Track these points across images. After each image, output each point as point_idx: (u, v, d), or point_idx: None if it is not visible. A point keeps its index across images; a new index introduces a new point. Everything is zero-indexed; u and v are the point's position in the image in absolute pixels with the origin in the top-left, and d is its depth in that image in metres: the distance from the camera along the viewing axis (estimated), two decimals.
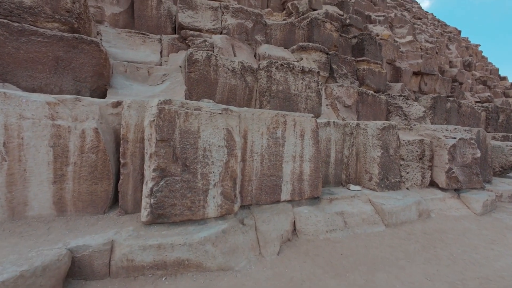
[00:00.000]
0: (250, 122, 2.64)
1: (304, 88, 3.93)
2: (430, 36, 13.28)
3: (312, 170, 3.06)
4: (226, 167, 2.34)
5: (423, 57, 9.98)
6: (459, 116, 6.21)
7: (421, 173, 4.00)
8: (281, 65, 3.74)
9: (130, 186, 2.20)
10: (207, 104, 2.30)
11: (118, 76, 3.90)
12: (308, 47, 5.23)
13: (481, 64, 16.79)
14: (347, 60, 5.86)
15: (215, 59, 3.53)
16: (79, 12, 3.20)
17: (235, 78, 3.71)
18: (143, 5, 5.04)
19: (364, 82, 5.94)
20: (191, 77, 3.40)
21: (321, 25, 5.77)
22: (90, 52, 3.07)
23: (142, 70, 4.15)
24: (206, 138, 2.23)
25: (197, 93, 3.46)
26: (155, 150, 2.03)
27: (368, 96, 5.43)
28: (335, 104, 5.10)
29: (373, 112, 5.55)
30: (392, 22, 10.55)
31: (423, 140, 4.02)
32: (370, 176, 3.70)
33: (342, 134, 3.90)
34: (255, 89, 3.92)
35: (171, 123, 2.08)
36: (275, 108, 3.74)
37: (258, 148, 2.68)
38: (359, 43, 6.40)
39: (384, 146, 3.67)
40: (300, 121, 2.96)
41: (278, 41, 5.70)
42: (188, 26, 4.90)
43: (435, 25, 16.80)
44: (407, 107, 5.69)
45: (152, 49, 4.80)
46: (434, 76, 10.04)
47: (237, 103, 3.79)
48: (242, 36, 5.34)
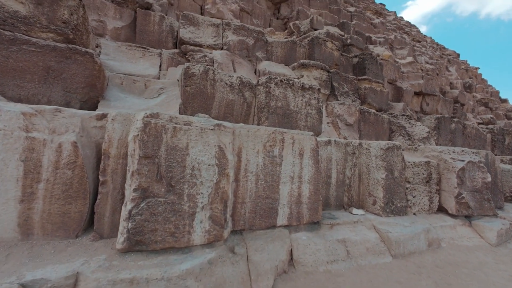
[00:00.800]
0: (245, 139, 2.47)
1: (304, 105, 3.80)
2: (430, 58, 13.47)
3: (311, 192, 2.83)
4: (216, 188, 2.13)
5: (424, 77, 10.01)
6: (464, 137, 6.03)
7: (429, 198, 3.74)
8: (281, 81, 3.63)
9: (108, 207, 1.97)
10: (198, 119, 2.14)
11: (114, 88, 3.80)
12: (309, 64, 5.19)
13: (481, 86, 16.91)
14: (348, 78, 5.81)
15: (212, 73, 3.44)
16: (76, 24, 3.16)
17: (233, 93, 3.60)
18: (146, 20, 5.09)
19: (366, 100, 5.84)
20: (186, 90, 3.29)
21: (322, 43, 5.79)
22: (83, 63, 2.98)
23: (139, 83, 4.06)
24: (195, 156, 2.04)
25: (192, 108, 3.33)
26: (137, 168, 1.84)
27: (370, 114, 5.30)
28: (336, 122, 4.95)
29: (376, 131, 5.39)
30: (392, 44, 10.73)
31: (429, 162, 3.81)
32: (374, 199, 3.45)
33: (343, 154, 3.70)
34: (254, 105, 3.79)
35: (157, 138, 1.91)
36: (274, 125, 3.58)
37: (253, 168, 2.48)
38: (360, 62, 6.39)
39: (389, 167, 3.46)
40: (299, 139, 2.79)
41: (279, 58, 5.69)
42: (189, 41, 4.90)
43: (434, 48, 17.16)
44: (410, 127, 5.53)
45: (151, 62, 4.76)
46: (436, 96, 10.01)
47: (234, 119, 3.65)
48: (243, 53, 5.33)
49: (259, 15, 8.26)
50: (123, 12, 5.09)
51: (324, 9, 9.97)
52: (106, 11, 4.89)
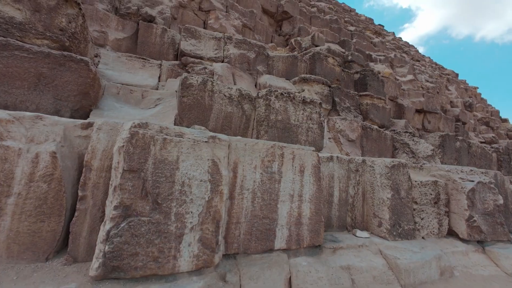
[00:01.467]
0: (242, 153, 2.30)
1: (305, 119, 3.67)
2: (430, 76, 13.61)
3: (312, 212, 2.61)
4: (208, 207, 1.93)
5: (424, 95, 10.01)
6: (470, 156, 5.86)
7: (438, 220, 3.50)
8: (281, 94, 3.53)
9: (85, 226, 1.77)
10: (191, 130, 1.98)
11: (109, 97, 3.69)
12: (310, 79, 5.14)
13: (481, 106, 16.98)
14: (350, 94, 5.74)
15: (211, 84, 3.34)
16: (74, 32, 3.11)
17: (232, 105, 3.48)
18: (148, 32, 5.10)
19: (368, 116, 5.73)
20: (183, 101, 3.16)
21: (323, 59, 5.78)
22: (77, 71, 2.89)
23: (136, 93, 3.96)
24: (186, 171, 1.86)
25: (188, 119, 3.19)
26: (120, 183, 1.65)
27: (372, 131, 5.16)
28: (338, 138, 4.80)
29: (378, 148, 5.23)
30: (392, 62, 10.85)
31: (437, 181, 3.61)
32: (380, 221, 3.22)
33: (346, 171, 3.51)
34: (253, 118, 3.66)
35: (144, 150, 1.74)
36: (273, 138, 3.43)
37: (250, 184, 2.29)
38: (361, 78, 6.36)
39: (394, 187, 3.25)
40: (300, 154, 2.61)
41: (280, 72, 5.66)
42: (190, 53, 4.87)
43: (433, 68, 17.43)
44: (414, 144, 5.38)
45: (150, 73, 4.70)
46: (437, 114, 9.95)
47: (232, 132, 3.50)
48: (244, 66, 5.30)
49: (261, 31, 8.40)
50: (125, 24, 5.11)
51: (325, 28, 10.18)
52: (109, 23, 4.91)
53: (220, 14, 7.01)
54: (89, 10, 4.74)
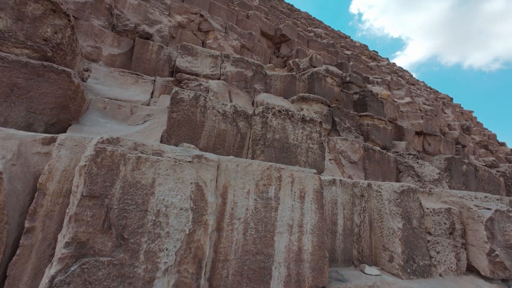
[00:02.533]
0: (233, 175, 1.98)
1: (305, 139, 3.40)
2: (426, 99, 13.76)
3: (315, 246, 2.24)
4: (188, 242, 1.57)
5: (423, 117, 9.96)
6: (477, 181, 5.56)
7: (455, 254, 3.10)
8: (279, 111, 3.30)
9: (28, 268, 1.39)
10: (172, 148, 1.68)
11: (95, 112, 3.43)
12: (309, 98, 4.98)
13: (478, 129, 17.05)
14: (350, 114, 5.57)
15: (203, 99, 3.11)
16: (60, 43, 2.93)
17: (226, 122, 3.23)
18: (143, 48, 5.01)
19: (369, 137, 5.51)
20: (172, 117, 2.91)
21: (322, 78, 5.69)
22: (57, 82, 2.65)
23: (124, 108, 3.72)
24: (162, 196, 1.54)
25: (177, 136, 2.91)
26: (76, 212, 1.31)
27: (375, 152, 4.90)
28: (339, 159, 4.52)
29: (382, 170, 4.93)
30: (389, 85, 10.96)
31: (450, 209, 3.26)
32: (391, 255, 2.82)
33: (351, 196, 3.18)
34: (248, 137, 3.40)
35: (112, 171, 1.43)
36: (270, 159, 3.13)
37: (242, 213, 1.95)
38: (360, 99, 6.25)
39: (405, 215, 2.90)
40: (300, 177, 2.30)
41: (278, 91, 5.53)
42: (185, 70, 4.74)
43: (428, 91, 17.77)
44: (419, 167, 5.10)
45: (143, 89, 4.51)
46: (437, 136, 9.82)
47: (225, 151, 3.21)
48: (241, 84, 5.16)
49: (260, 52, 8.48)
50: (121, 40, 5.04)
51: (322, 51, 10.39)
52: (104, 38, 4.83)
53: (219, 35, 7.08)
54: (85, 25, 4.67)
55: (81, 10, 4.76)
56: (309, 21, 16.45)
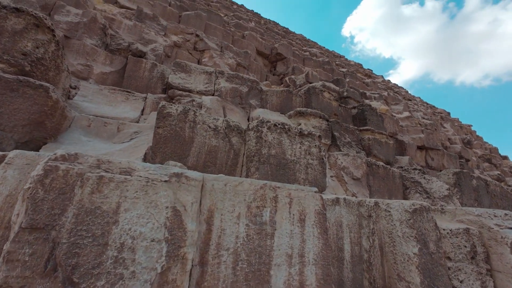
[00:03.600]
0: (220, 197, 1.69)
1: (304, 154, 3.15)
2: (424, 114, 13.73)
3: (319, 279, 1.89)
4: (160, 284, 1.25)
5: (424, 132, 9.79)
6: (490, 196, 5.22)
7: (481, 282, 2.71)
8: (275, 125, 3.08)
9: None
10: (145, 165, 1.42)
11: (77, 130, 3.21)
12: (307, 112, 4.80)
13: (479, 143, 16.88)
14: (350, 128, 5.37)
15: (193, 114, 2.90)
16: (41, 58, 2.78)
17: (217, 138, 2.99)
18: (136, 66, 4.92)
19: (371, 152, 5.26)
20: (158, 133, 2.67)
21: (319, 93, 5.57)
22: (32, 98, 2.45)
23: (110, 126, 3.50)
24: (129, 225, 1.24)
25: (163, 154, 2.65)
26: (10, 250, 1.02)
27: (378, 168, 4.62)
28: (341, 176, 4.22)
29: (387, 187, 4.61)
30: (386, 100, 10.95)
31: (468, 229, 2.92)
32: (408, 286, 2.43)
33: (357, 217, 2.85)
34: (243, 153, 3.14)
35: (64, 195, 1.15)
36: (266, 177, 2.84)
37: (231, 242, 1.63)
38: (360, 113, 6.10)
39: (421, 238, 2.56)
40: (299, 197, 2.01)
41: (274, 106, 5.37)
42: (178, 86, 4.60)
43: (425, 106, 17.86)
44: (426, 183, 4.79)
45: (133, 106, 4.33)
46: (440, 151, 9.59)
47: (217, 169, 2.93)
48: (236, 100, 5.01)
49: (256, 70, 8.51)
50: (114, 58, 4.97)
51: (318, 68, 10.49)
52: (96, 57, 4.75)
53: (214, 53, 7.10)
54: (76, 44, 4.61)
55: (74, 30, 4.73)
56: (304, 42, 16.95)
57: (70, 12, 4.86)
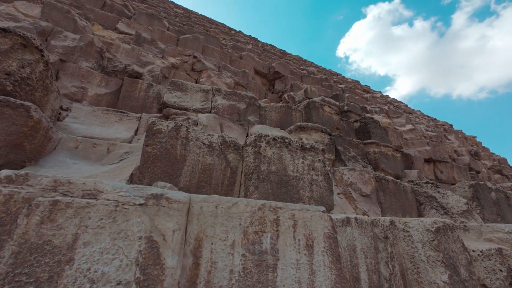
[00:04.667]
0: (210, 222, 1.42)
1: (307, 169, 2.88)
2: (427, 127, 13.53)
3: None
4: None
5: (429, 144, 9.52)
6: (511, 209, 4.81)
7: None
8: (274, 139, 2.85)
9: None
10: (115, 186, 1.17)
11: (63, 152, 3.00)
12: (307, 127, 4.61)
13: (486, 154, 16.46)
14: (353, 142, 5.13)
15: (186, 130, 2.70)
16: (26, 77, 2.66)
17: (212, 155, 2.76)
18: (132, 87, 4.85)
19: (378, 166, 4.97)
20: (147, 151, 2.45)
21: (319, 107, 5.43)
22: (11, 118, 2.27)
23: (100, 147, 3.30)
24: (87, 264, 0.97)
25: (152, 174, 2.40)
26: None
27: (388, 182, 4.30)
28: (349, 193, 3.90)
29: (400, 203, 4.26)
30: (387, 113, 10.83)
31: (501, 250, 2.55)
32: None
33: (371, 239, 2.50)
34: (240, 171, 2.89)
35: (2, 227, 0.89)
36: (267, 196, 2.56)
37: (223, 278, 1.33)
38: (362, 126, 5.90)
39: (449, 262, 2.20)
40: (305, 219, 1.72)
41: (273, 122, 5.20)
42: (173, 105, 4.48)
43: (426, 119, 17.74)
44: (441, 197, 4.43)
45: (127, 126, 4.17)
46: (448, 163, 9.23)
47: (212, 189, 2.66)
48: (234, 117, 4.85)
49: (254, 89, 8.50)
50: (110, 80, 4.92)
51: (316, 85, 10.53)
52: (91, 79, 4.70)
53: (212, 73, 7.13)
54: (71, 67, 4.58)
55: (70, 54, 4.74)
56: (301, 61, 17.36)
57: (67, 37, 4.92)
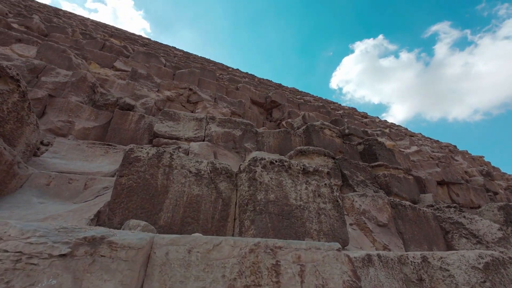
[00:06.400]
0: (179, 275, 0.98)
1: (312, 196, 2.45)
2: (431, 148, 13.15)
3: None
4: None
5: (438, 165, 9.04)
6: None
7: None
8: (271, 163, 2.48)
9: None
10: (26, 227, 0.78)
11: (30, 190, 2.62)
12: (309, 151, 4.26)
13: (498, 174, 15.74)
14: (360, 165, 4.73)
15: (169, 157, 2.35)
16: None
17: (200, 185, 2.36)
18: (122, 119, 4.65)
19: (391, 190, 4.48)
20: (120, 183, 2.07)
21: (319, 130, 5.15)
22: None
23: (76, 183, 2.92)
24: None
25: (124, 211, 1.98)
26: None
27: (406, 209, 3.78)
28: (363, 222, 3.38)
29: (423, 233, 3.68)
30: (390, 136, 10.56)
31: None
32: None
33: (402, 283, 1.96)
34: (234, 202, 2.46)
35: None
36: (265, 232, 2.09)
37: None
38: (367, 148, 5.55)
39: None
40: (315, 262, 1.27)
41: (271, 148, 4.88)
42: (164, 134, 4.21)
43: (429, 141, 17.43)
44: (469, 223, 3.86)
45: (112, 159, 3.84)
46: (463, 185, 8.63)
47: (200, 226, 2.20)
48: (229, 144, 4.55)
49: (251, 118, 8.38)
50: (100, 114, 4.74)
51: (314, 111, 10.48)
52: (80, 113, 4.52)
53: (208, 104, 7.05)
54: (60, 102, 4.43)
55: (60, 89, 4.65)
56: (297, 92, 17.80)
57: (59, 73, 4.89)
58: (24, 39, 6.03)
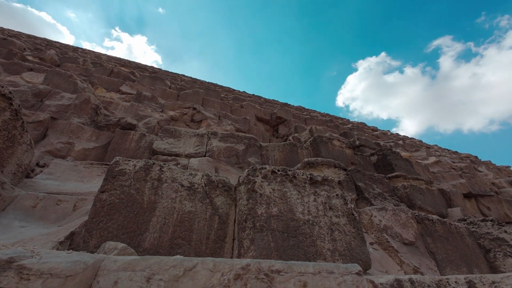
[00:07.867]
0: None
1: (322, 209, 2.10)
2: (451, 159, 12.35)
3: None
4: None
5: (463, 176, 8.33)
6: None
7: None
8: (273, 172, 2.19)
9: None
10: None
11: (13, 213, 2.42)
12: (317, 162, 3.93)
13: None
14: (375, 177, 4.31)
15: (159, 169, 2.11)
16: None
17: (193, 200, 2.08)
18: (123, 138, 4.55)
19: (414, 203, 3.99)
20: (100, 199, 1.82)
21: (327, 141, 4.84)
22: None
23: (65, 204, 2.71)
24: None
25: (103, 231, 1.71)
26: None
27: (434, 224, 3.29)
28: (385, 241, 2.92)
29: (459, 252, 3.14)
30: (404, 147, 10.01)
31: None
32: None
33: None
34: (233, 219, 2.14)
35: None
36: (268, 253, 1.74)
37: None
38: (381, 159, 5.14)
39: None
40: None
41: (277, 162, 4.57)
42: (163, 151, 4.03)
43: (447, 152, 16.51)
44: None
45: None
46: (493, 197, 7.83)
47: (193, 249, 1.88)
48: (232, 160, 4.30)
49: (257, 134, 8.19)
50: (101, 134, 4.68)
51: (321, 125, 10.21)
52: (80, 134, 4.47)
53: (212, 122, 6.96)
54: (62, 124, 4.42)
55: (63, 112, 4.67)
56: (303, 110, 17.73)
57: (63, 97, 4.96)
58: (35, 68, 6.30)
